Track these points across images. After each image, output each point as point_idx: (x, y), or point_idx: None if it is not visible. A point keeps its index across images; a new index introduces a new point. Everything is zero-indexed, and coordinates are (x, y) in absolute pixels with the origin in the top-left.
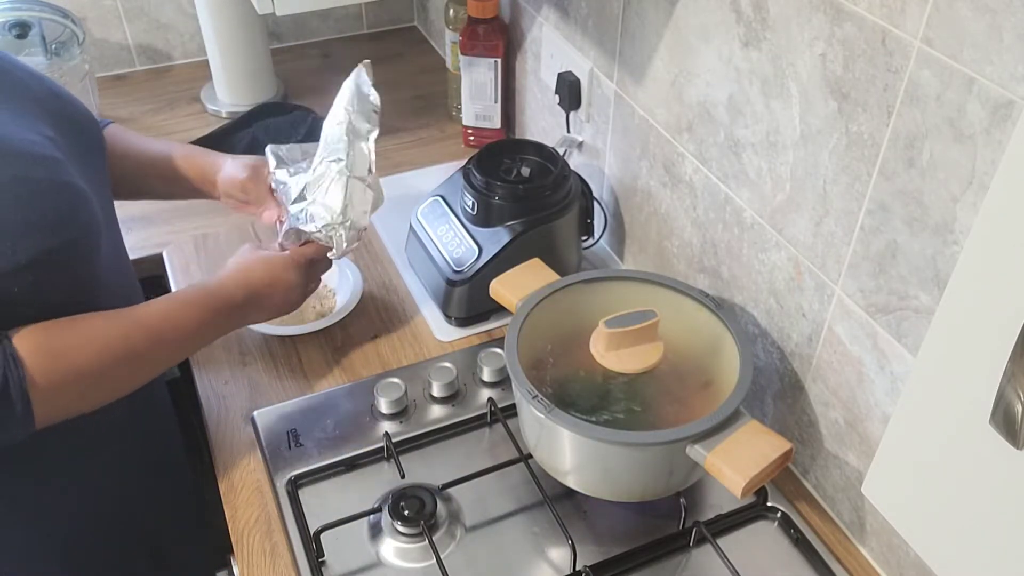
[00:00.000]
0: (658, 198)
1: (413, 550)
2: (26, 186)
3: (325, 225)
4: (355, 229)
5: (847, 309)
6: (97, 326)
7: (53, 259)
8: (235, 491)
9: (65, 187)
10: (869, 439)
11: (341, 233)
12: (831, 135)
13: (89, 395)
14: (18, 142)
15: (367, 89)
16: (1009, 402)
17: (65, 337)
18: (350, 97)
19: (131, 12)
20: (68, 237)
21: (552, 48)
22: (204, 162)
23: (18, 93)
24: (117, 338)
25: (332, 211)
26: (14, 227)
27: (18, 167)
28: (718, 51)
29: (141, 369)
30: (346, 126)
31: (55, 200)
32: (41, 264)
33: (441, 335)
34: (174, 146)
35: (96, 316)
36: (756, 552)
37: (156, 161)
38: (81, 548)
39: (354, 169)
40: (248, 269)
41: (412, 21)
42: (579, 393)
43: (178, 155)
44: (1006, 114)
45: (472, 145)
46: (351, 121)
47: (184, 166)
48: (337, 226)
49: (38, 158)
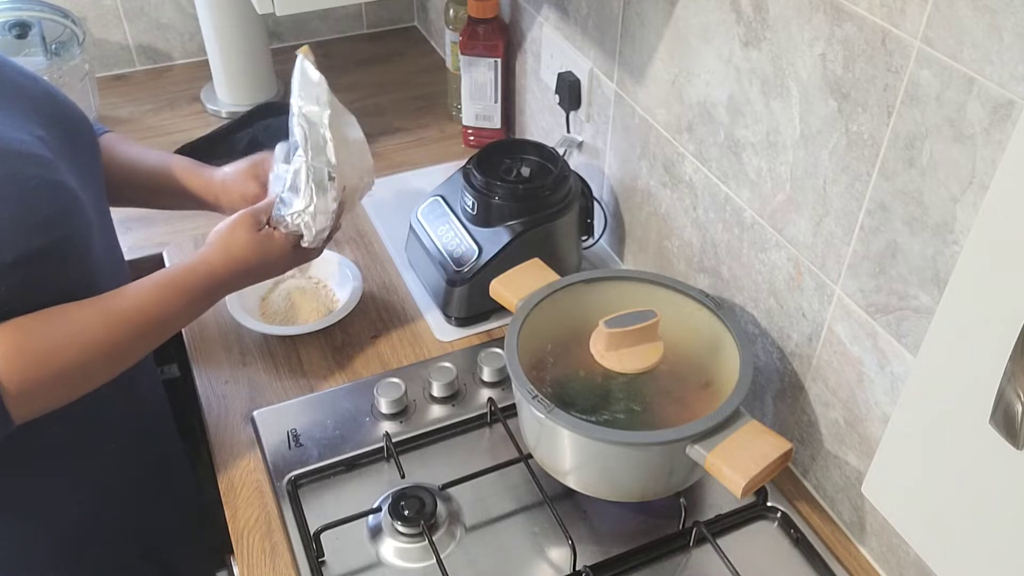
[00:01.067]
0: (658, 198)
1: (413, 550)
2: (15, 185)
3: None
4: (322, 214)
5: (847, 309)
6: (75, 320)
7: (43, 258)
8: (235, 491)
9: (55, 186)
10: (869, 439)
11: (308, 220)
12: (831, 135)
13: (69, 389)
14: (8, 141)
15: (310, 72)
16: (1009, 402)
17: (43, 335)
18: (297, 88)
19: (131, 12)
20: (58, 236)
21: (552, 48)
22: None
23: (10, 92)
24: (97, 331)
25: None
26: (2, 225)
27: (6, 165)
28: (718, 51)
29: (123, 357)
30: (298, 116)
31: (45, 199)
32: (30, 263)
33: (441, 335)
34: (172, 159)
35: (74, 307)
36: (756, 552)
37: (153, 172)
38: (80, 548)
39: (314, 157)
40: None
41: (412, 21)
42: (579, 393)
43: (177, 168)
44: (1006, 114)
45: (472, 145)
46: (301, 110)
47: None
48: (301, 213)
49: (28, 157)
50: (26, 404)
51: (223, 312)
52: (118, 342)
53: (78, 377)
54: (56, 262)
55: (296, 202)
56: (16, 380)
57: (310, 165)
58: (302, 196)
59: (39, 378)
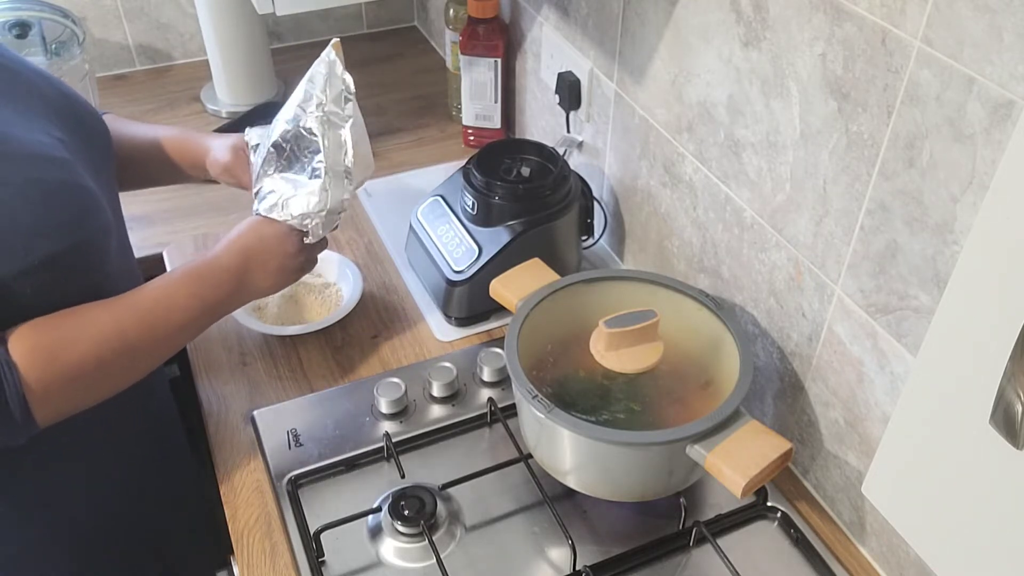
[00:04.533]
0: (658, 198)
1: (413, 550)
2: (38, 188)
3: (302, 215)
4: (332, 214)
5: (847, 309)
6: (90, 319)
7: (66, 260)
8: (235, 491)
9: (77, 188)
10: (869, 439)
11: (317, 223)
12: (831, 135)
13: (89, 390)
14: (30, 144)
15: (339, 71)
16: (1009, 402)
17: (58, 334)
18: (322, 81)
19: (131, 12)
20: (80, 238)
21: (552, 48)
22: (192, 148)
23: (28, 94)
24: (112, 330)
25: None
26: (27, 228)
27: (30, 169)
28: (718, 51)
29: (140, 359)
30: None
31: (67, 202)
32: (54, 265)
33: (441, 335)
34: (162, 130)
35: (89, 307)
36: (756, 552)
37: (146, 148)
38: (84, 547)
39: (330, 159)
40: (240, 234)
41: (412, 21)
42: (579, 393)
43: (166, 141)
44: (1006, 114)
45: (472, 145)
46: (323, 106)
47: (173, 153)
48: (314, 215)
49: (50, 160)
50: (47, 404)
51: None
52: (129, 337)
53: (94, 374)
54: (79, 263)
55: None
56: (34, 377)
57: (326, 169)
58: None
59: (54, 375)
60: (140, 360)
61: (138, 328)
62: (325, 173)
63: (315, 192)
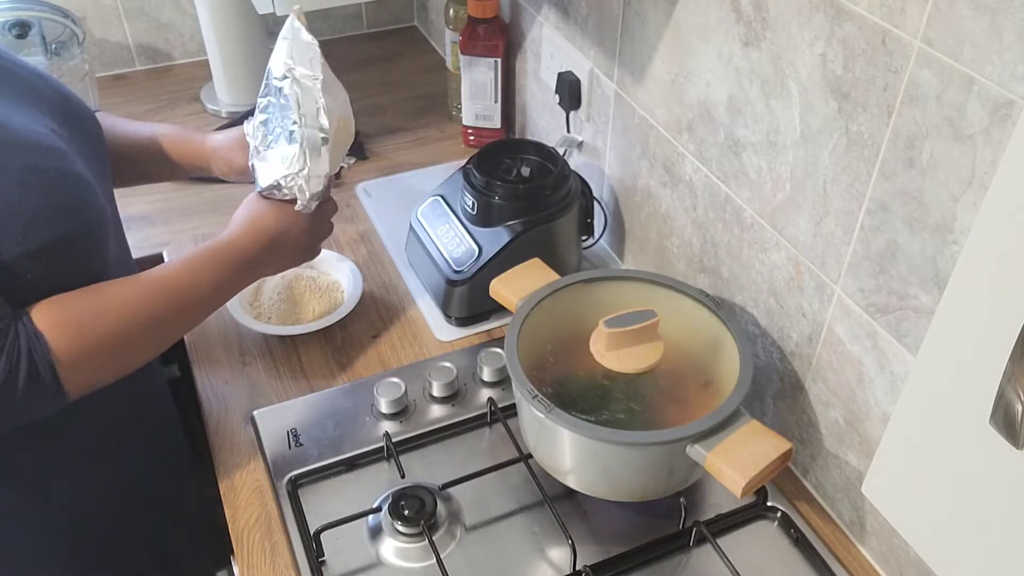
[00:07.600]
0: (658, 198)
1: (413, 550)
2: (37, 175)
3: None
4: (316, 177)
5: (847, 309)
6: (112, 293)
7: (64, 247)
8: (235, 491)
9: (73, 177)
10: (869, 439)
11: (302, 184)
12: (831, 135)
13: (115, 362)
14: (27, 132)
15: (303, 35)
16: (1009, 402)
17: (83, 306)
18: (287, 48)
19: (131, 12)
20: (77, 226)
21: (552, 48)
22: (189, 145)
23: (25, 90)
24: (135, 302)
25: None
26: (25, 214)
27: (29, 156)
28: (718, 51)
29: (162, 332)
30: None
31: (64, 189)
32: (52, 252)
33: (441, 335)
34: (159, 129)
35: (111, 283)
36: (756, 552)
37: (143, 143)
38: (85, 547)
39: (307, 122)
40: (256, 216)
41: (412, 21)
42: (579, 393)
43: (163, 137)
44: (1006, 114)
45: (472, 145)
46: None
47: (170, 149)
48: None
49: (47, 148)
50: (77, 375)
51: (223, 312)
52: (152, 311)
53: (122, 346)
54: (77, 250)
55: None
56: (64, 348)
57: (303, 129)
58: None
59: (84, 347)
60: (163, 334)
61: (161, 303)
62: (301, 132)
63: (295, 153)
